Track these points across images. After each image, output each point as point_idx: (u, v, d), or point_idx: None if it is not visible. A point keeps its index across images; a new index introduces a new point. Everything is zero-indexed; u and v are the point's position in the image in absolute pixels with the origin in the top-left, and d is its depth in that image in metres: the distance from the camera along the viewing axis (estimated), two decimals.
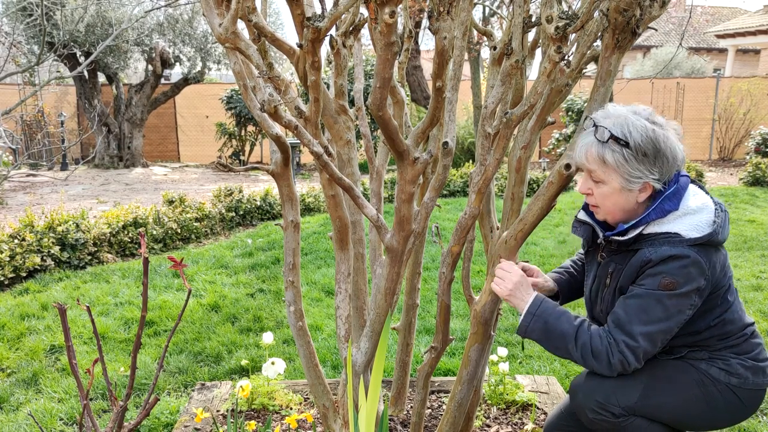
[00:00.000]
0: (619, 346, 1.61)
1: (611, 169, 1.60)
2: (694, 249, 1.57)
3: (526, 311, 1.71)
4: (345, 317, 2.09)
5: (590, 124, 1.63)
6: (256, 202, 7.34)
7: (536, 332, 1.70)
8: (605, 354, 1.62)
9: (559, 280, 1.99)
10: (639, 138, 1.57)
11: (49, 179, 11.54)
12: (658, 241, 1.60)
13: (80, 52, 11.77)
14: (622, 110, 1.62)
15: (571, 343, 1.65)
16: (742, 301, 4.47)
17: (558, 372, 3.19)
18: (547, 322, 1.68)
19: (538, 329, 1.69)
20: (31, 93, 8.26)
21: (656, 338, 1.60)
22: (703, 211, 1.61)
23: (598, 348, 1.62)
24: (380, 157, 2.19)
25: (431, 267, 5.22)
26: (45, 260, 5.09)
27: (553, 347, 1.69)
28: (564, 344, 1.66)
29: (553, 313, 1.69)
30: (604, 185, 1.63)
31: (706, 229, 1.58)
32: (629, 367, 1.62)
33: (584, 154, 1.62)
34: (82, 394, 1.56)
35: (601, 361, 1.62)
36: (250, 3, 1.59)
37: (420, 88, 10.59)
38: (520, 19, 1.65)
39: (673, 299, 1.57)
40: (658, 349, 1.63)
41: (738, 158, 13.99)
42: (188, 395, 2.97)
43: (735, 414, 1.72)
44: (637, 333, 1.59)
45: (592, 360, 1.63)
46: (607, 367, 1.63)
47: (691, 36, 25.56)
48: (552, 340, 1.68)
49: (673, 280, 1.56)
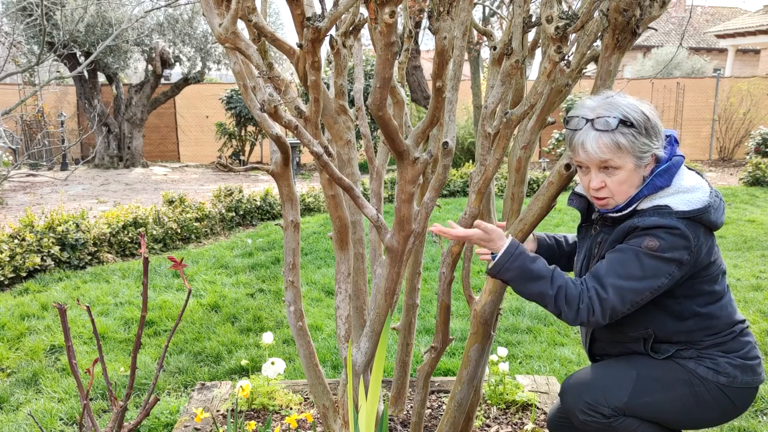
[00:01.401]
0: (589, 292, 1.60)
1: (625, 152, 1.60)
2: (683, 222, 1.58)
3: (504, 250, 1.66)
4: (345, 317, 2.10)
5: (580, 123, 1.63)
6: (256, 202, 7.34)
7: (512, 271, 1.64)
8: (576, 300, 1.60)
9: (542, 241, 1.99)
10: (636, 115, 1.60)
11: (49, 179, 11.54)
12: (648, 213, 1.61)
13: (80, 52, 11.77)
14: (596, 100, 1.65)
15: (548, 284, 1.62)
16: (743, 301, 4.46)
17: (558, 372, 3.19)
18: (524, 263, 1.64)
19: (515, 269, 1.64)
20: (31, 93, 8.26)
21: (626, 295, 1.59)
22: (696, 191, 1.62)
23: (572, 293, 1.61)
24: (380, 157, 2.19)
25: (431, 267, 5.23)
26: (45, 260, 5.09)
27: (527, 289, 1.65)
28: (540, 285, 1.63)
29: (528, 256, 1.67)
30: (620, 171, 1.63)
31: (698, 204, 1.60)
32: (593, 316, 1.59)
33: (597, 147, 1.60)
34: (82, 394, 1.56)
35: (572, 307, 1.60)
36: (250, 3, 1.59)
37: (420, 88, 10.59)
38: (520, 19, 1.65)
39: (652, 260, 1.57)
40: (626, 310, 1.61)
41: (738, 158, 13.99)
42: (188, 395, 2.97)
43: (725, 413, 1.71)
44: (608, 283, 1.59)
45: (564, 304, 1.61)
46: (575, 314, 1.60)
47: (691, 36, 25.57)
48: (527, 281, 1.64)
49: (657, 242, 1.57)
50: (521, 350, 3.51)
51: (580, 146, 1.63)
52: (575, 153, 1.65)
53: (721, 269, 1.71)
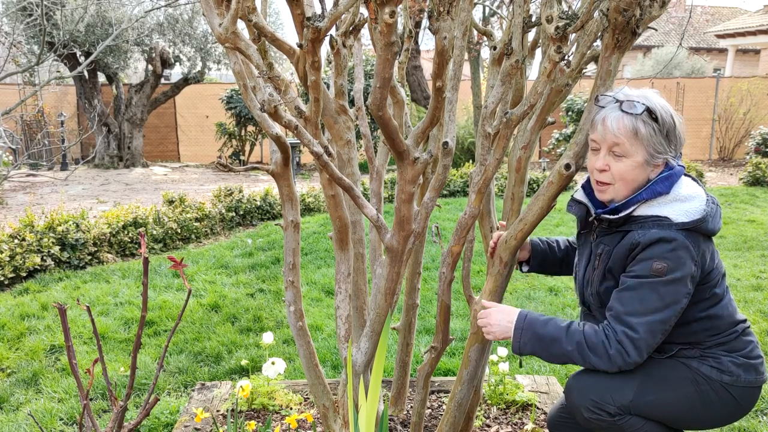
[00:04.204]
0: (617, 335, 1.60)
1: (640, 142, 1.61)
2: (683, 233, 1.59)
3: (514, 327, 1.71)
4: (345, 317, 2.09)
5: (609, 100, 1.63)
6: (256, 202, 7.34)
7: (529, 344, 1.69)
8: (602, 347, 1.61)
9: (536, 246, 2.00)
10: (665, 114, 1.62)
11: (49, 179, 11.54)
12: (648, 224, 1.62)
13: (80, 52, 11.76)
14: (634, 90, 1.66)
15: (566, 345, 1.64)
16: (743, 301, 4.46)
17: (558, 372, 3.19)
18: (536, 332, 1.68)
19: (530, 341, 1.69)
20: (31, 93, 8.25)
21: (655, 328, 1.59)
22: (693, 200, 1.63)
23: (594, 342, 1.62)
24: (380, 157, 2.19)
25: (431, 267, 5.22)
26: (45, 260, 5.09)
27: (550, 355, 1.69)
28: (559, 348, 1.65)
29: (539, 321, 1.70)
30: (627, 159, 1.63)
31: (696, 215, 1.61)
32: (629, 358, 1.60)
33: (616, 126, 1.60)
34: (82, 394, 1.56)
35: (600, 355, 1.61)
36: (250, 3, 1.59)
37: (420, 88, 10.59)
38: (520, 19, 1.65)
39: (667, 286, 1.57)
40: (659, 340, 1.62)
41: (738, 158, 13.99)
42: (188, 395, 2.97)
43: (730, 412, 1.72)
44: (634, 323, 1.59)
45: (590, 355, 1.62)
46: (607, 361, 1.61)
47: (691, 36, 25.57)
48: (546, 347, 1.67)
49: (663, 264, 1.57)
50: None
51: (600, 121, 1.63)
52: (593, 128, 1.66)
53: (721, 272, 1.72)
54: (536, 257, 1.98)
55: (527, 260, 2.01)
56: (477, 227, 1.99)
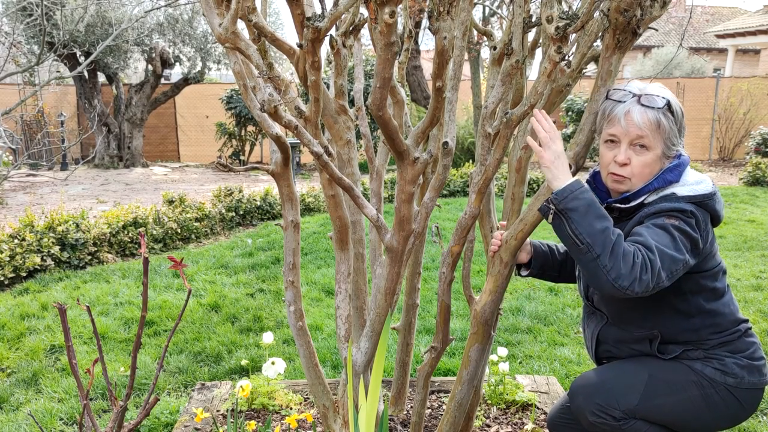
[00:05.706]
0: (641, 251, 1.51)
1: (660, 134, 1.63)
2: (692, 205, 1.61)
3: (576, 179, 1.59)
4: (345, 317, 2.09)
5: (626, 94, 1.64)
6: (256, 202, 7.34)
7: (581, 201, 1.54)
8: (631, 254, 1.49)
9: (537, 247, 1.97)
10: (677, 107, 1.66)
11: (49, 179, 11.53)
12: (656, 202, 1.64)
13: (80, 52, 11.76)
14: (643, 83, 1.69)
15: (611, 228, 1.52)
16: (743, 301, 4.46)
17: (558, 372, 3.19)
18: (594, 198, 1.56)
19: (586, 198, 1.55)
20: (31, 93, 8.24)
21: (666, 261, 1.50)
22: (701, 183, 1.66)
23: (628, 249, 1.51)
24: (380, 157, 2.19)
25: (431, 267, 5.22)
26: (45, 260, 5.09)
27: (588, 226, 1.52)
28: (605, 223, 1.52)
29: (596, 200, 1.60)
30: (649, 152, 1.64)
31: (703, 191, 1.63)
32: (645, 275, 1.48)
33: (641, 120, 1.62)
34: (82, 394, 1.56)
35: (627, 261, 1.48)
36: (250, 3, 1.59)
37: (420, 88, 10.59)
38: (520, 19, 1.65)
39: (677, 231, 1.56)
40: (664, 280, 1.51)
41: (738, 158, 13.99)
42: (188, 395, 2.97)
43: (734, 414, 1.71)
44: (653, 246, 1.51)
45: (621, 257, 1.48)
46: (629, 268, 1.47)
47: (691, 36, 25.56)
48: (594, 217, 1.53)
49: (673, 220, 1.57)
50: (521, 350, 3.51)
51: (623, 116, 1.63)
52: (612, 124, 1.65)
53: (722, 267, 1.72)
54: (537, 258, 1.96)
55: (527, 264, 1.98)
56: (477, 227, 1.99)
